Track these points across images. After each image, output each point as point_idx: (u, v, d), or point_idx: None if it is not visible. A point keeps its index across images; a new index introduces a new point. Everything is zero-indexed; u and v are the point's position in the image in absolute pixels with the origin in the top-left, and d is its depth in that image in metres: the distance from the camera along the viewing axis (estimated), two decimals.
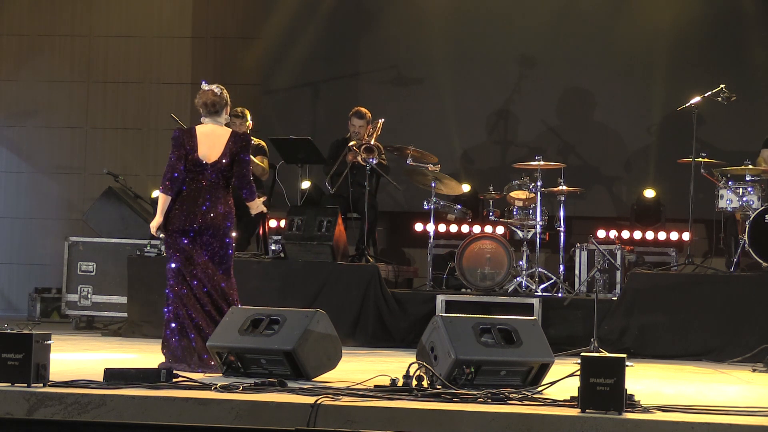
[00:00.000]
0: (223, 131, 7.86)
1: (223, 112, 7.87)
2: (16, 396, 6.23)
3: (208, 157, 7.80)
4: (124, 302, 11.21)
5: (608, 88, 12.77)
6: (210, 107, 7.86)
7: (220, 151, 7.79)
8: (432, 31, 13.04)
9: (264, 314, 7.48)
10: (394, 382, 6.62)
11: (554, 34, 12.83)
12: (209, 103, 7.86)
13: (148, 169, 13.89)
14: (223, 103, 7.87)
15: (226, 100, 7.90)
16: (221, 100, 7.87)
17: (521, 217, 10.99)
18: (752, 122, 12.18)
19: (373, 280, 10.66)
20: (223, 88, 7.94)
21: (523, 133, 12.94)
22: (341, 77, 13.27)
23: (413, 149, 11.10)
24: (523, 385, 6.95)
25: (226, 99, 7.89)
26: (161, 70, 14.07)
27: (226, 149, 7.79)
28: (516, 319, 7.27)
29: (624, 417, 5.86)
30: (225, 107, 7.88)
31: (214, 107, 7.86)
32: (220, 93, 7.89)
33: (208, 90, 7.90)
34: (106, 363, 7.33)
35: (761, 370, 8.90)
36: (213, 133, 7.85)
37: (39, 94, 14.21)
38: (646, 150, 12.68)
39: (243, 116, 11.82)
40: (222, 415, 6.08)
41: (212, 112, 7.87)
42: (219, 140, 7.81)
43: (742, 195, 10.29)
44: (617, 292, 10.74)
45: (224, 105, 7.88)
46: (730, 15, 12.58)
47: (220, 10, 14.04)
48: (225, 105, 7.88)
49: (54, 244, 13.63)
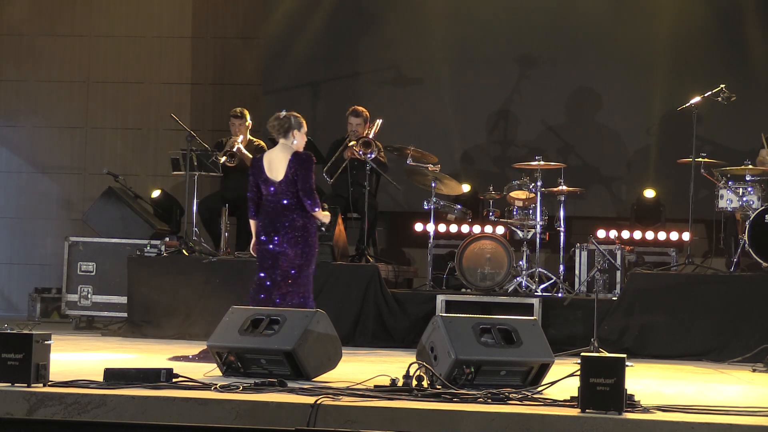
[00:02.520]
0: (287, 152, 8.51)
1: (289, 134, 8.52)
2: (16, 396, 6.23)
3: (275, 176, 8.49)
4: (124, 302, 11.21)
5: (608, 88, 12.76)
6: (277, 129, 8.56)
7: (283, 170, 8.46)
8: (432, 31, 13.03)
9: (264, 314, 7.49)
10: (394, 382, 6.62)
11: (554, 34, 12.83)
12: (275, 127, 8.57)
13: (148, 169, 13.90)
14: (287, 126, 8.53)
15: (291, 123, 8.55)
16: (284, 122, 8.53)
17: (521, 217, 10.99)
18: (752, 122, 12.18)
19: (373, 280, 10.67)
20: (290, 113, 8.61)
21: (523, 133, 12.93)
22: (341, 77, 13.27)
23: (413, 149, 11.10)
24: (523, 385, 6.96)
25: (290, 122, 8.55)
26: (161, 70, 14.07)
27: (288, 168, 8.45)
28: (516, 319, 7.28)
29: (624, 417, 5.86)
30: (290, 130, 8.53)
31: (280, 129, 8.54)
32: (282, 117, 8.58)
33: (275, 115, 8.64)
34: (106, 363, 7.34)
35: (761, 370, 8.90)
36: (279, 154, 8.53)
37: (39, 94, 14.21)
38: (646, 150, 12.68)
39: (242, 116, 11.83)
40: (222, 415, 6.08)
41: (279, 134, 8.58)
42: (283, 160, 8.49)
43: (742, 195, 10.29)
44: (617, 292, 10.74)
45: (288, 128, 8.53)
46: (730, 15, 12.58)
47: (220, 10, 14.04)
48: (290, 128, 8.53)
49: (54, 244, 13.64)
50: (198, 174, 11.40)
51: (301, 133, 8.55)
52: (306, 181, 8.44)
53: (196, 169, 11.32)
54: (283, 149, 8.52)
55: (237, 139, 11.60)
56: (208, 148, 11.56)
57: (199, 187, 11.61)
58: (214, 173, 11.55)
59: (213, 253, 11.18)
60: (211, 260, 10.94)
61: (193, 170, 11.30)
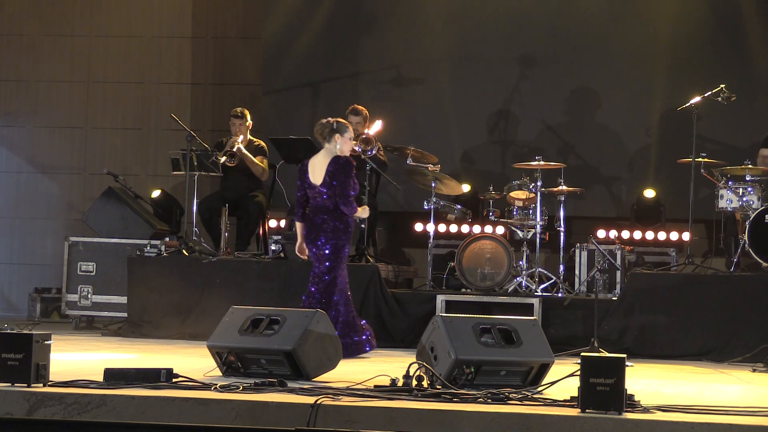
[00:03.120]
0: (328, 156, 8.78)
1: (332, 139, 8.75)
2: (16, 396, 6.23)
3: (316, 180, 8.79)
4: (124, 302, 11.21)
5: (608, 88, 12.77)
6: (321, 134, 8.84)
7: (323, 174, 8.74)
8: (432, 31, 13.03)
9: (264, 314, 7.48)
10: (394, 382, 6.62)
11: (554, 34, 12.83)
12: (319, 131, 8.85)
13: (148, 169, 13.90)
14: (327, 131, 8.77)
15: (334, 127, 8.77)
16: (325, 127, 8.80)
17: (521, 217, 10.99)
18: (752, 122, 12.18)
19: (373, 280, 10.66)
20: (332, 120, 8.82)
21: (523, 133, 12.93)
22: (341, 77, 13.27)
23: (413, 149, 11.10)
24: (523, 385, 6.95)
25: (330, 127, 8.78)
26: (161, 70, 14.07)
27: (326, 172, 8.73)
28: (516, 319, 7.27)
29: (624, 417, 5.86)
30: (333, 134, 8.75)
31: (323, 134, 8.81)
32: (326, 122, 8.82)
33: (321, 120, 8.92)
34: (106, 363, 7.33)
35: (761, 370, 8.90)
36: (321, 158, 8.84)
37: (39, 94, 14.21)
38: (646, 150, 12.68)
39: (243, 116, 11.83)
40: (222, 415, 6.08)
41: (323, 139, 8.85)
42: (323, 164, 8.78)
43: (742, 195, 10.29)
44: (617, 292, 10.74)
45: (330, 132, 8.75)
46: (730, 15, 12.58)
47: (220, 10, 14.04)
48: (332, 132, 8.75)
49: (54, 244, 13.64)
50: (198, 174, 11.40)
51: (344, 138, 8.74)
52: (342, 186, 8.66)
53: (196, 169, 11.31)
54: (326, 153, 8.79)
55: (237, 139, 11.60)
56: (208, 148, 11.56)
57: (199, 187, 11.61)
58: (214, 173, 11.55)
59: (213, 253, 11.18)
60: (211, 260, 10.94)
61: (193, 170, 11.30)
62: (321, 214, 8.78)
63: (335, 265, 8.83)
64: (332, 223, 8.77)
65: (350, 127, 8.89)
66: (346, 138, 8.76)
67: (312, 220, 8.83)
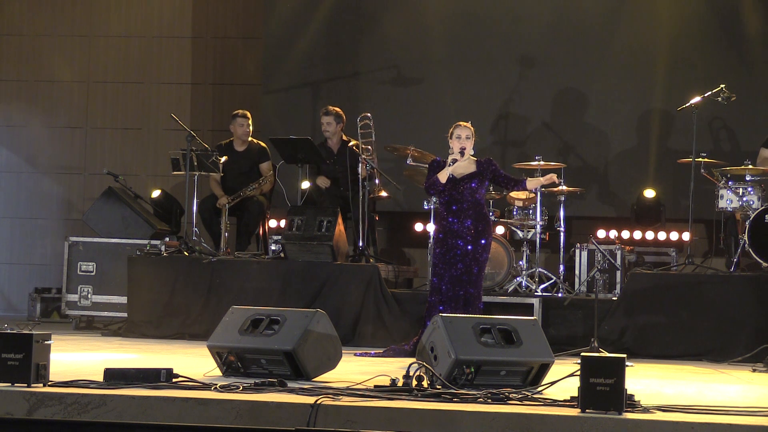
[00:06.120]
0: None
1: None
2: (16, 396, 6.23)
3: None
4: (124, 302, 11.21)
5: (608, 88, 12.76)
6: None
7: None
8: (432, 31, 13.03)
9: (264, 314, 7.48)
10: (394, 382, 6.62)
11: (554, 34, 12.82)
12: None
13: (148, 169, 13.90)
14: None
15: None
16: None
17: (521, 217, 11.00)
18: (752, 122, 12.18)
19: (373, 280, 10.66)
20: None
21: (523, 133, 12.93)
22: (341, 77, 13.26)
23: (413, 149, 11.10)
24: (523, 385, 6.96)
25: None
26: (161, 70, 14.06)
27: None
28: (516, 319, 7.28)
29: (624, 417, 5.86)
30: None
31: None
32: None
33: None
34: (106, 363, 7.34)
35: (761, 370, 8.90)
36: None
37: (39, 94, 14.21)
38: (646, 150, 12.67)
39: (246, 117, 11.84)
40: (222, 415, 6.08)
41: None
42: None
43: (742, 195, 10.29)
44: (617, 292, 10.74)
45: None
46: (730, 15, 12.57)
47: (220, 10, 14.04)
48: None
49: (54, 244, 13.64)
50: (198, 174, 11.40)
51: (452, 139, 9.22)
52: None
53: (196, 169, 11.30)
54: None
55: (223, 203, 11.56)
56: (208, 148, 11.55)
57: (199, 187, 11.60)
58: (214, 173, 11.55)
59: (213, 253, 11.18)
60: (211, 260, 10.94)
61: (193, 170, 11.29)
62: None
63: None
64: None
65: (453, 129, 9.25)
66: (454, 139, 9.22)
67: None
